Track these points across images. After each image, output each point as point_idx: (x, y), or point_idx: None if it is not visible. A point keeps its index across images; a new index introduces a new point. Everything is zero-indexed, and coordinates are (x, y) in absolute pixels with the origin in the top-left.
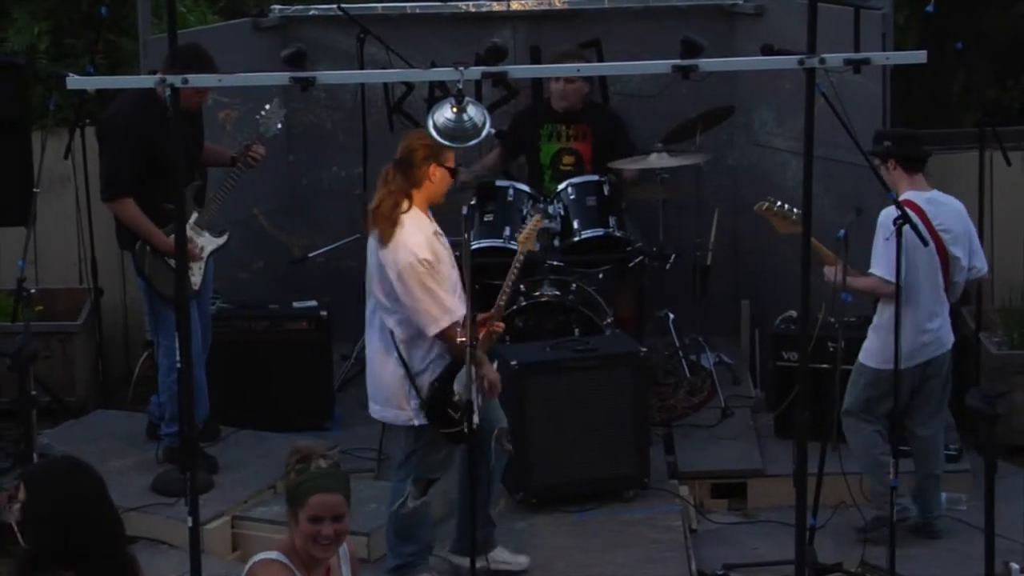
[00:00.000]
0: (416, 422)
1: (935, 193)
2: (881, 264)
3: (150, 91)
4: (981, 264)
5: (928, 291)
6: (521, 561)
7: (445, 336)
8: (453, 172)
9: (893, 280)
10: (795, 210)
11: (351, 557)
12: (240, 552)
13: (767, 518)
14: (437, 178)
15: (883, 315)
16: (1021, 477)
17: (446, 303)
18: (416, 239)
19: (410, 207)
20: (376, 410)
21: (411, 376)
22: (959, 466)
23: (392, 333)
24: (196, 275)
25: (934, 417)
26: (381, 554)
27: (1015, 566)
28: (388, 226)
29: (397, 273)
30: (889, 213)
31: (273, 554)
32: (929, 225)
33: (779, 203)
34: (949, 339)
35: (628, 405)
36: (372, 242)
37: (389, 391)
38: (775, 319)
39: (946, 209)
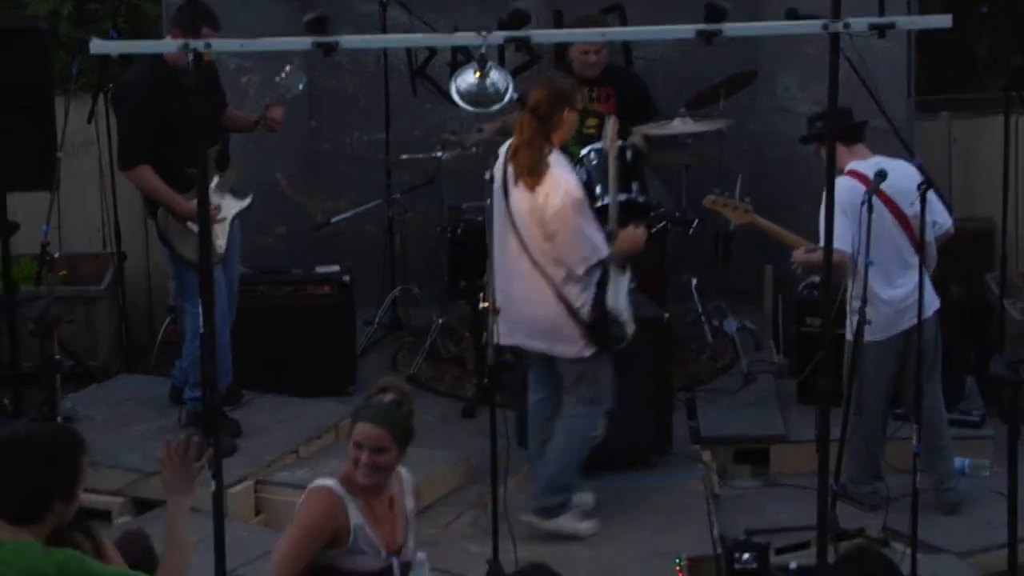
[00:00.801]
0: (586, 352)
1: (879, 159)
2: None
3: (160, 58)
4: (943, 219)
5: (883, 260)
6: (586, 527)
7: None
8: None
9: (841, 248)
10: (746, 199)
11: (415, 490)
12: (263, 516)
13: (789, 484)
14: (570, 121)
15: (851, 290)
16: None
17: (597, 240)
18: (569, 179)
19: (551, 151)
20: (540, 346)
21: (573, 311)
22: (982, 432)
23: (546, 273)
24: (220, 239)
25: (927, 385)
26: None
27: None
28: (534, 172)
29: (555, 213)
30: (839, 186)
31: (329, 481)
32: (880, 193)
33: (726, 194)
34: (930, 306)
35: (650, 371)
36: (498, 192)
37: (552, 328)
38: (798, 285)
39: (895, 173)
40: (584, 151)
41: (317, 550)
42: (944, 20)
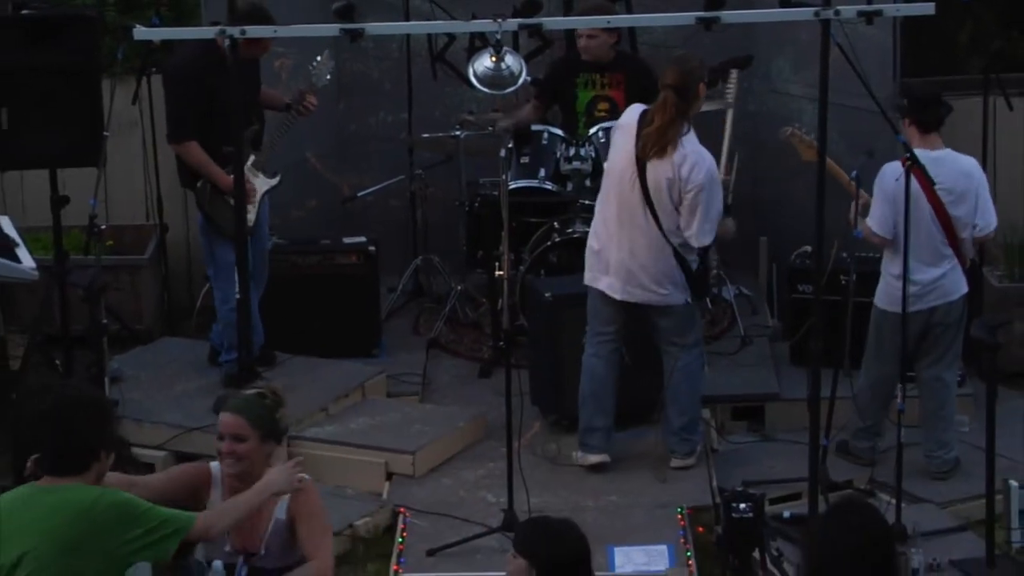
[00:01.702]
0: (688, 299)
1: (944, 152)
2: (872, 216)
3: (210, 42)
4: (984, 223)
5: (915, 244)
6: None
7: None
8: None
9: (878, 233)
10: (811, 135)
11: (302, 506)
12: None
13: (783, 439)
14: (703, 94)
15: (883, 261)
16: (1020, 401)
17: (716, 221)
18: (710, 155)
19: (689, 127)
20: (654, 298)
21: (685, 266)
22: (963, 391)
23: (668, 239)
24: (251, 213)
25: (941, 360)
26: (426, 470)
27: (1014, 483)
28: (671, 146)
29: (699, 186)
30: (885, 171)
31: (214, 463)
32: (926, 186)
33: (803, 130)
34: (955, 290)
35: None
36: (629, 163)
37: (668, 281)
38: (791, 254)
39: (950, 169)
40: (592, 130)
41: (170, 496)
42: (927, 8)
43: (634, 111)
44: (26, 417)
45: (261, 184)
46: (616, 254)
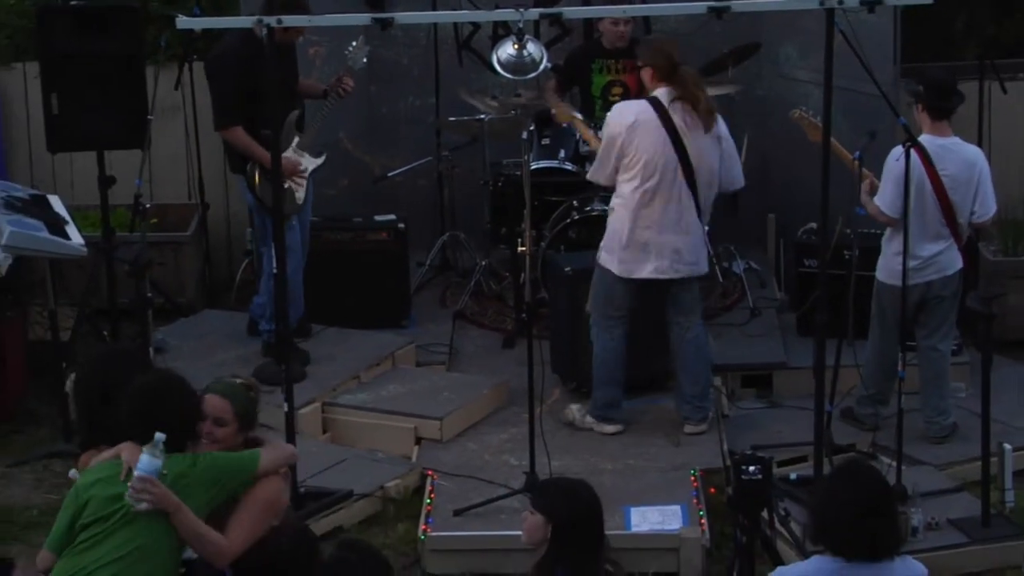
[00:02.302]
0: (707, 269)
1: (952, 140)
2: (883, 197)
3: (249, 31)
4: (984, 210)
5: (917, 224)
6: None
7: None
8: None
9: (887, 213)
10: (817, 117)
11: (255, 492)
12: (329, 434)
13: (790, 405)
14: None
15: (884, 237)
16: (1014, 369)
17: None
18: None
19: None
20: (685, 271)
21: (708, 236)
22: (960, 359)
23: (701, 209)
24: (300, 192)
25: (936, 331)
26: (452, 435)
27: (1007, 446)
28: (712, 116)
29: (728, 153)
30: (893, 154)
31: None
32: (931, 169)
33: (810, 113)
34: (951, 266)
35: None
36: (666, 140)
37: (703, 251)
38: (798, 230)
39: (955, 156)
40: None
41: None
42: None
43: (636, 106)
44: (136, 397)
45: (308, 163)
46: (662, 237)
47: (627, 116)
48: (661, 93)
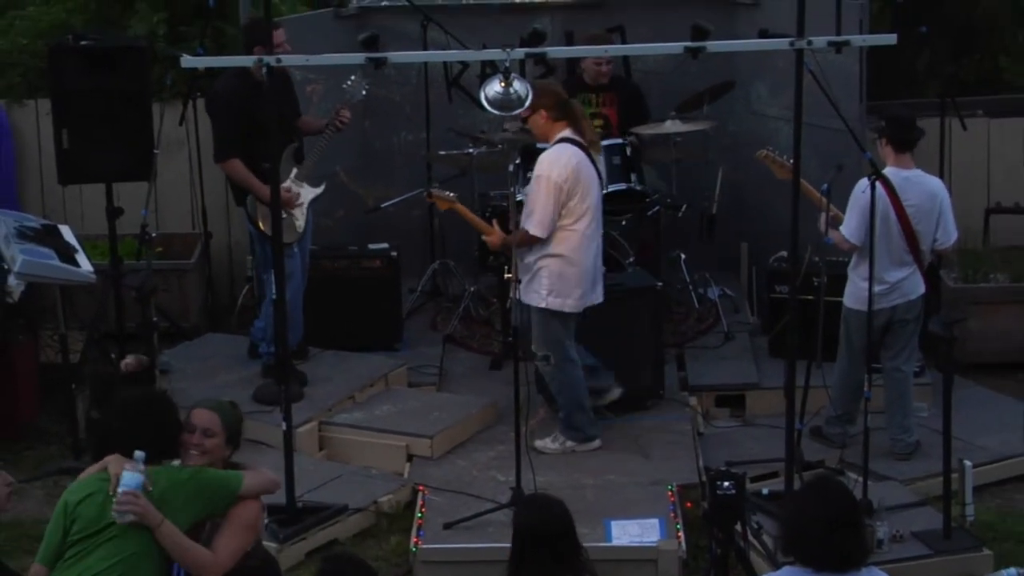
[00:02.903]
0: None
1: (915, 172)
2: (848, 226)
3: (245, 70)
4: (945, 238)
5: (882, 251)
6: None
7: None
8: None
9: (852, 241)
10: (787, 158)
11: (239, 511)
12: (326, 451)
13: (762, 423)
14: None
15: (850, 265)
16: (974, 390)
17: None
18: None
19: None
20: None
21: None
22: (922, 380)
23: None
24: (300, 220)
25: (901, 353)
26: (442, 452)
27: (968, 463)
28: (597, 145)
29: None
30: (859, 186)
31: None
32: (896, 200)
33: (776, 152)
34: (915, 291)
35: (647, 330)
36: (597, 185)
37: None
38: (769, 258)
39: (918, 188)
40: None
41: None
42: (890, 39)
43: (570, 151)
44: (119, 414)
45: (307, 193)
46: (597, 264)
47: (570, 161)
48: (568, 133)
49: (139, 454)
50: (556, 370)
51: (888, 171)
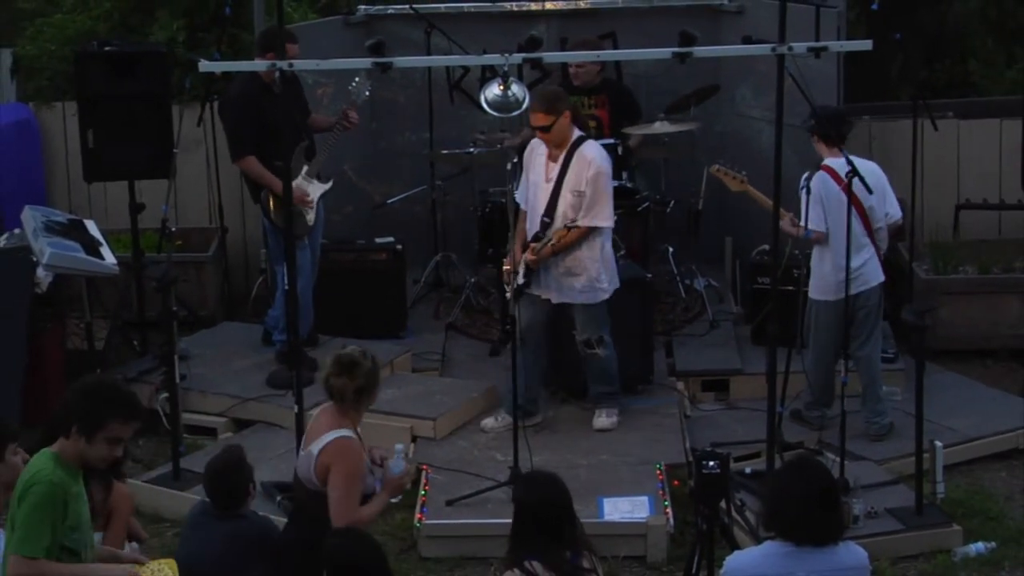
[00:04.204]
0: None
1: (850, 158)
2: (809, 217)
3: (254, 74)
4: (894, 211)
5: (840, 239)
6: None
7: None
8: None
9: (816, 229)
10: (742, 172)
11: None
12: None
13: (745, 407)
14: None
15: (813, 259)
16: (944, 375)
17: None
18: None
19: None
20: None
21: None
22: (896, 366)
23: None
24: (310, 215)
25: (868, 340)
26: (445, 433)
27: (938, 443)
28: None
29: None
30: (801, 182)
31: (347, 431)
32: (845, 186)
33: (727, 165)
34: (875, 277)
35: (637, 319)
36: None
37: None
38: (752, 251)
39: (864, 171)
40: None
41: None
42: (865, 44)
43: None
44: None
45: (316, 189)
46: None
47: (606, 153)
48: (580, 133)
49: (399, 447)
50: (609, 348)
51: (831, 163)
